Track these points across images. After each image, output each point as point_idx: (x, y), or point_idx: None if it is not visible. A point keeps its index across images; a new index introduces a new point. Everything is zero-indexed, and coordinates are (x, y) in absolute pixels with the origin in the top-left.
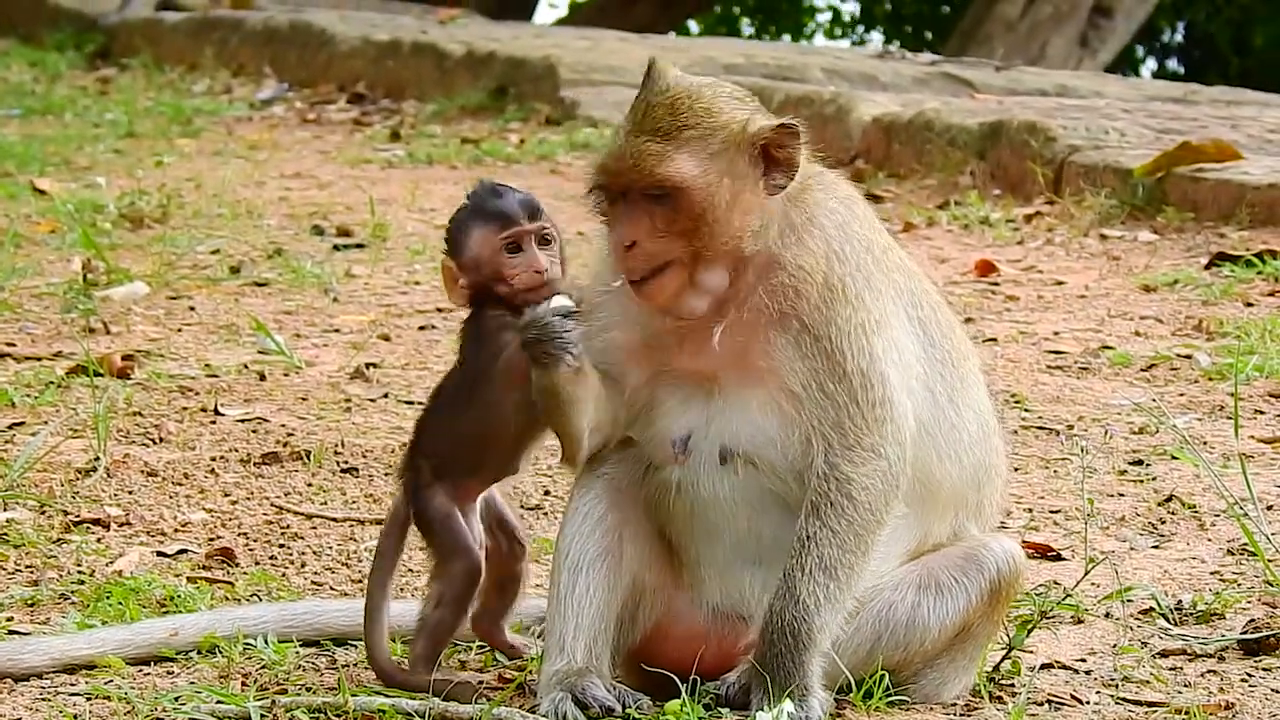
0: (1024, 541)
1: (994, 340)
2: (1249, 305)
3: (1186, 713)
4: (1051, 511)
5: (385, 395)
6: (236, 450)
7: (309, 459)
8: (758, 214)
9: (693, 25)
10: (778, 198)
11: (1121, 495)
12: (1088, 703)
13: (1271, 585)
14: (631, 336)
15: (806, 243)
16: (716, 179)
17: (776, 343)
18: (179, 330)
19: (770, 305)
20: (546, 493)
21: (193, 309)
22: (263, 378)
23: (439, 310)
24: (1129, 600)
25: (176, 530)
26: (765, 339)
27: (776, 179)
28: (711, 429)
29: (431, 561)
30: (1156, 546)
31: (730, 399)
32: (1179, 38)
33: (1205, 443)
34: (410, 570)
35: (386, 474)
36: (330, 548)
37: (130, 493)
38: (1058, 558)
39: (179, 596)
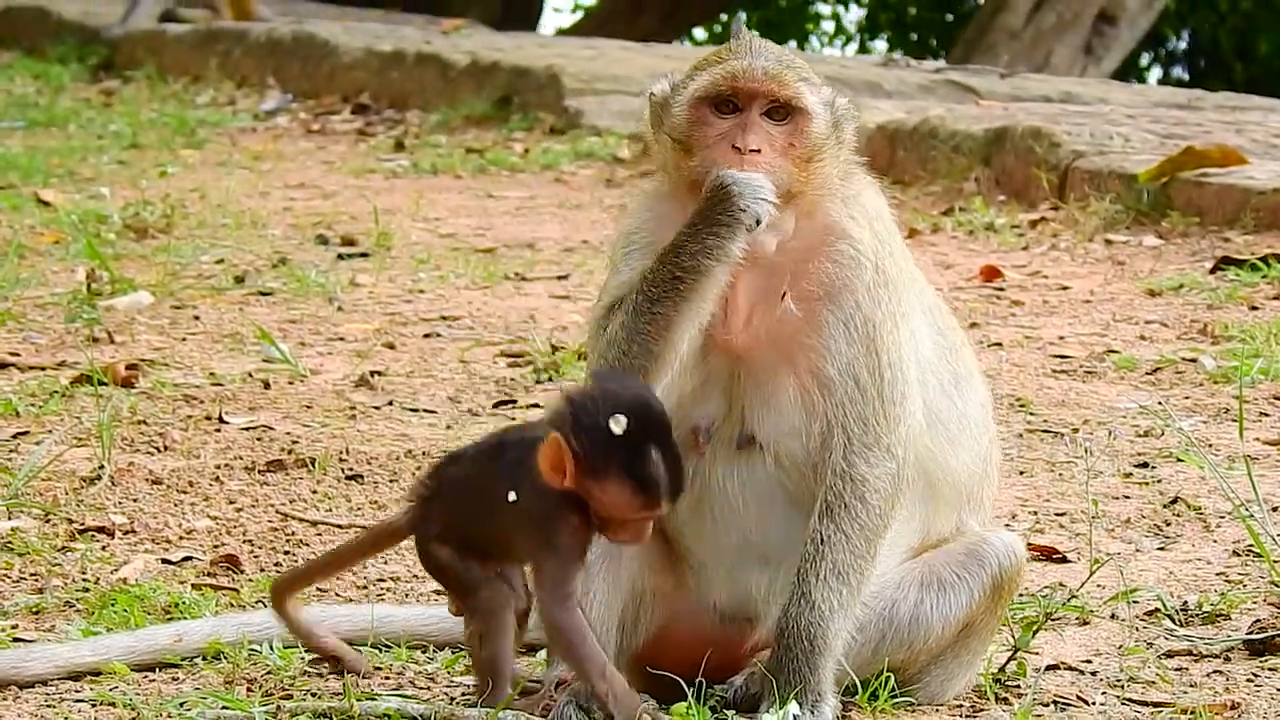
0: (1029, 544)
1: (999, 345)
2: (1254, 309)
3: (1192, 713)
4: (1057, 514)
5: (390, 403)
6: (241, 458)
7: (314, 466)
8: (835, 174)
9: (700, 33)
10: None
11: (1127, 497)
12: (1093, 703)
13: (1277, 586)
14: None
15: (858, 218)
16: (827, 118)
17: (827, 319)
18: (183, 339)
19: (832, 274)
20: None
21: (197, 318)
22: (267, 386)
23: (443, 318)
24: (1134, 601)
25: (181, 538)
26: (816, 312)
27: (843, 151)
28: (734, 416)
29: (453, 603)
30: (1162, 548)
31: (756, 383)
32: (1183, 45)
33: (1210, 445)
34: (415, 576)
35: (391, 481)
36: None
37: (135, 501)
38: (1063, 560)
39: (184, 603)
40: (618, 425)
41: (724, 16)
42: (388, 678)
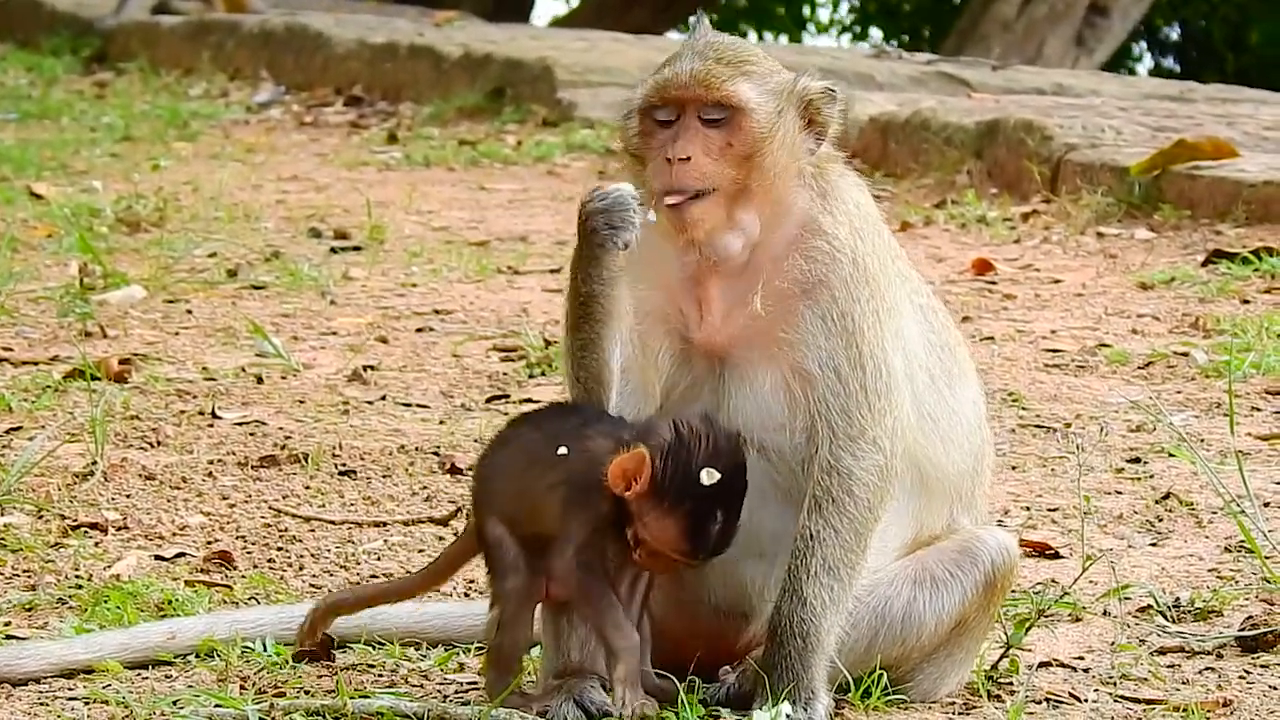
0: (1022, 540)
1: (991, 339)
2: (1245, 302)
3: (1185, 710)
4: (1049, 509)
5: (383, 397)
6: (234, 453)
7: (307, 462)
8: (797, 168)
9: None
10: (809, 161)
11: (1119, 493)
12: (1086, 700)
13: (1269, 582)
14: (657, 294)
15: (835, 213)
16: (775, 114)
17: (804, 314)
18: (176, 334)
19: (806, 270)
20: None
21: (190, 312)
22: (260, 381)
23: (436, 312)
24: (1127, 598)
25: (174, 534)
26: (793, 308)
27: (810, 143)
28: (722, 414)
29: (488, 583)
30: (1154, 544)
31: (740, 380)
32: (1175, 36)
33: (1202, 440)
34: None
35: (384, 476)
36: (328, 550)
37: (128, 496)
38: (1056, 556)
39: (177, 600)
40: (709, 478)
41: (714, 16)
42: (381, 675)
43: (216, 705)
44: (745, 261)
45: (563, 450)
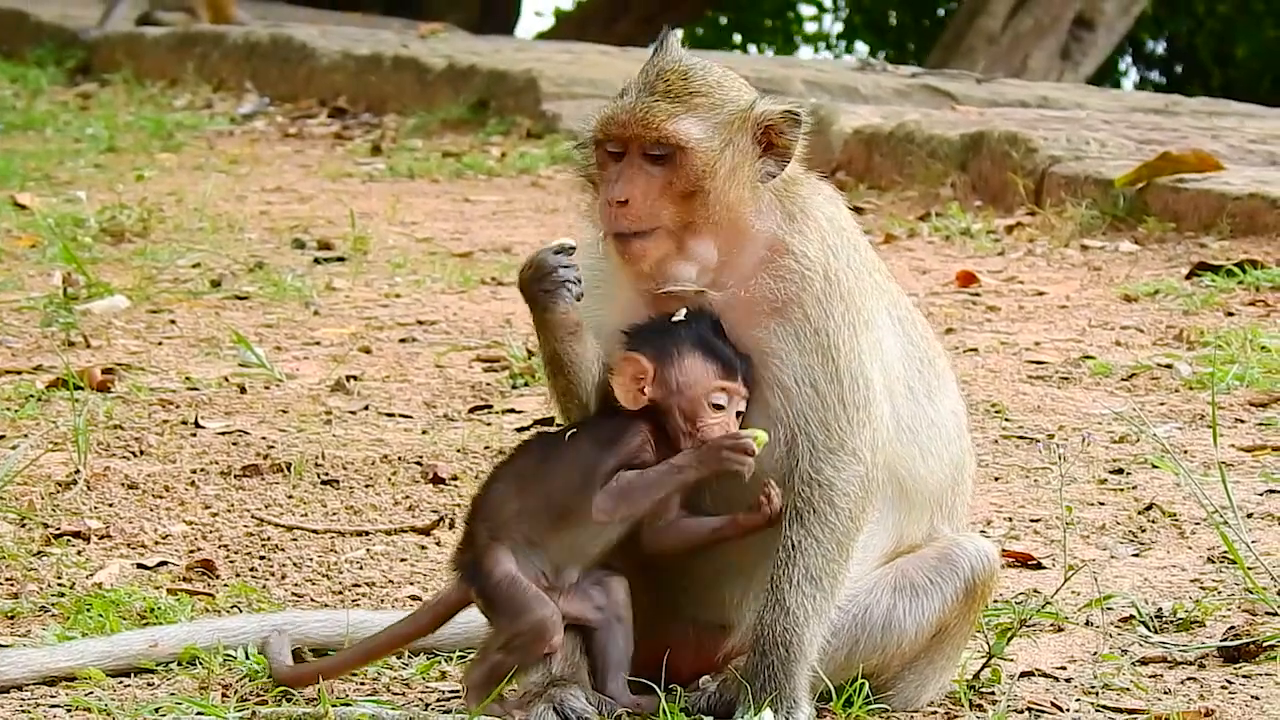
0: (1004, 550)
1: (975, 350)
2: (1229, 315)
3: None
4: (1032, 520)
5: (366, 408)
6: (217, 463)
7: (289, 471)
8: (752, 195)
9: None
10: (773, 184)
11: (1102, 504)
12: (1068, 710)
13: (1251, 593)
14: (620, 321)
15: (806, 232)
16: (719, 148)
17: (776, 331)
18: (159, 344)
19: (776, 290)
20: None
21: (173, 322)
22: (243, 390)
23: (419, 323)
24: (1109, 608)
25: (157, 542)
26: (765, 325)
27: (770, 165)
28: None
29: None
30: (1137, 555)
31: None
32: (1161, 50)
33: (1186, 451)
34: (391, 581)
35: (367, 486)
36: (310, 559)
37: (110, 505)
38: (1038, 566)
39: (159, 608)
40: (679, 316)
41: (699, 31)
42: (363, 683)
43: (198, 713)
44: (711, 284)
45: (571, 432)
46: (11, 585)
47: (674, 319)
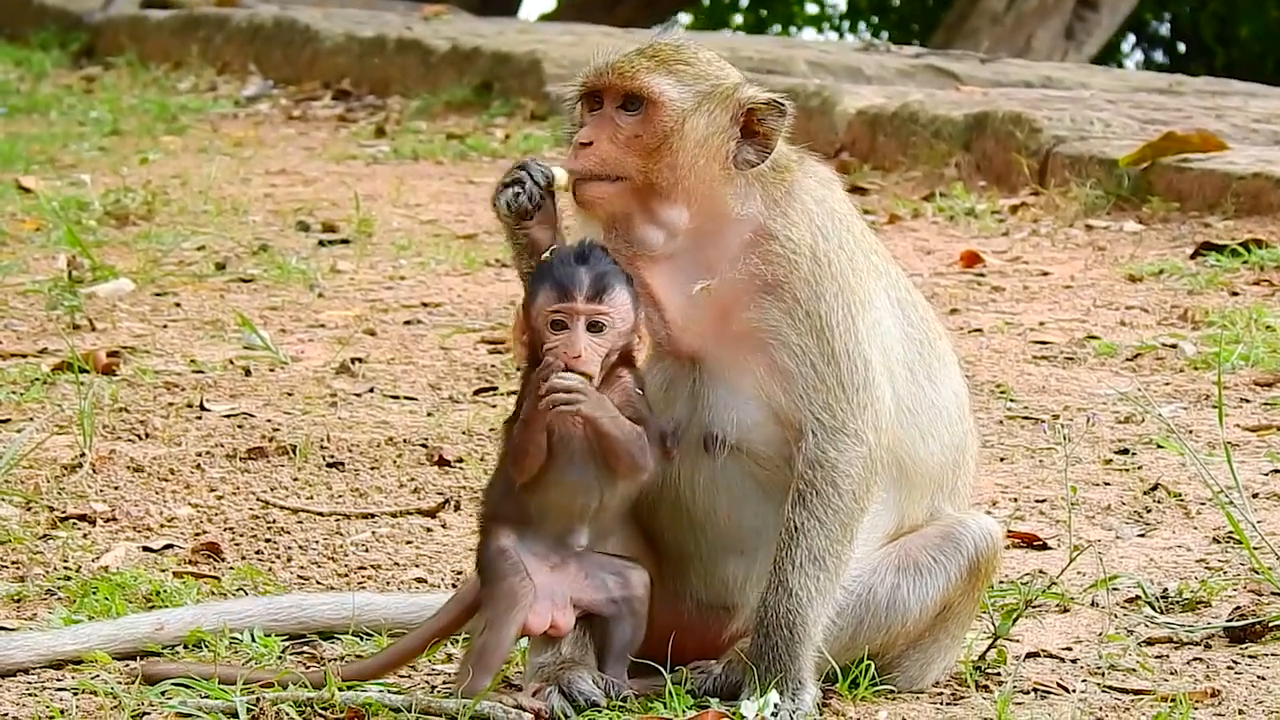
0: (1010, 531)
1: (980, 331)
2: (1234, 294)
3: (1172, 700)
4: (1037, 501)
5: (371, 390)
6: (222, 445)
7: (295, 454)
8: (724, 172)
9: (684, 18)
10: (757, 171)
11: (1107, 484)
12: (1073, 691)
13: (1257, 573)
14: None
15: (791, 215)
16: (692, 110)
17: (770, 311)
18: (164, 326)
19: (764, 272)
20: None
21: (178, 305)
22: (248, 373)
23: (424, 305)
24: (1115, 589)
25: (162, 525)
26: (757, 304)
27: (749, 153)
28: (697, 416)
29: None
30: (1142, 535)
31: (717, 381)
32: (1165, 30)
33: (1191, 431)
34: (396, 564)
35: (372, 468)
36: (316, 542)
37: (116, 488)
38: (1044, 547)
39: (165, 591)
40: (549, 254)
41: (707, 2)
42: None
43: (204, 696)
44: (692, 260)
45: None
46: (17, 569)
47: (543, 258)
